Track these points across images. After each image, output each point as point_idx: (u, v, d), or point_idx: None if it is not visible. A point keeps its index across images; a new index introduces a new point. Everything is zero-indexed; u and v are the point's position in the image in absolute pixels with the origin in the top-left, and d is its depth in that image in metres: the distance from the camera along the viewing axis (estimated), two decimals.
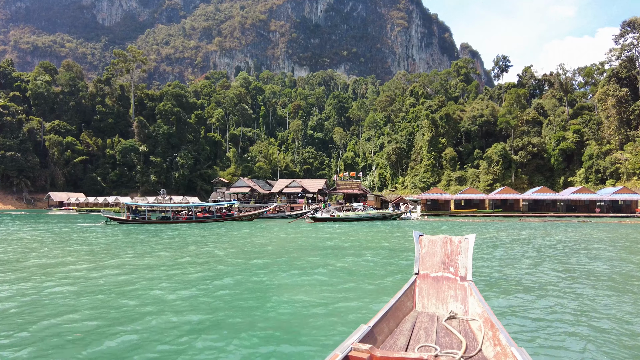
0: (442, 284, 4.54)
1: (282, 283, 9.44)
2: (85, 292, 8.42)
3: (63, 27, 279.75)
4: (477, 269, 10.95)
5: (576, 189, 56.09)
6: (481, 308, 3.77)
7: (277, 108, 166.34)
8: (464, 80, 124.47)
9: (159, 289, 8.63)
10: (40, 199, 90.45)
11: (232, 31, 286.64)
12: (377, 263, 12.38)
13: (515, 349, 2.62)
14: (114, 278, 9.90)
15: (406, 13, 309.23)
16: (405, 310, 4.19)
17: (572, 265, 12.23)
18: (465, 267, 4.55)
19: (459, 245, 4.67)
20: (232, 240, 20.42)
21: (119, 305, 7.40)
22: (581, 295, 8.26)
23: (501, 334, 2.98)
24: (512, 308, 7.23)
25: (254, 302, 7.63)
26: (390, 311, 3.72)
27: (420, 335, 3.47)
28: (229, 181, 76.47)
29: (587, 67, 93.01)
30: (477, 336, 3.39)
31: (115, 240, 20.53)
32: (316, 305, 7.34)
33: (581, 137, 77.43)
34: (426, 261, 4.77)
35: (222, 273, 10.68)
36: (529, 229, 28.48)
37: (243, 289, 8.75)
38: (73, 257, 13.70)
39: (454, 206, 61.18)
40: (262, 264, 12.26)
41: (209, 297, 8.04)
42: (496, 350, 2.90)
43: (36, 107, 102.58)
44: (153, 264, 12.18)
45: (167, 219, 37.09)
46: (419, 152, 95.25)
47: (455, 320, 3.93)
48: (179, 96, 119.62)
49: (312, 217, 37.60)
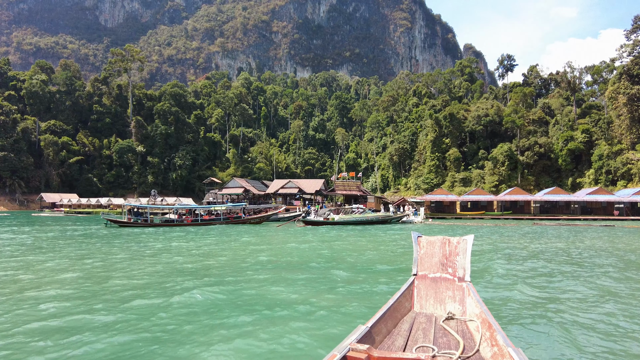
0: (441, 284, 4.48)
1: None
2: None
3: (65, 28, 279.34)
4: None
5: (592, 189, 53.05)
6: (479, 309, 3.71)
7: (278, 109, 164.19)
8: (468, 80, 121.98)
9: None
10: (34, 200, 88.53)
11: (234, 32, 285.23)
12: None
13: (512, 350, 2.57)
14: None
15: (409, 14, 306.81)
16: (404, 311, 4.16)
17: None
18: (464, 268, 4.44)
19: (457, 246, 4.56)
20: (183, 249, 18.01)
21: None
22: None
23: (498, 334, 2.94)
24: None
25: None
26: (389, 312, 3.68)
27: (418, 336, 3.46)
28: (222, 181, 74.14)
29: (595, 66, 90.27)
30: (475, 337, 3.35)
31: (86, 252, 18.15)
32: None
33: (590, 137, 74.81)
34: (424, 262, 4.70)
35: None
36: (550, 236, 25.30)
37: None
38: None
39: (460, 208, 58.40)
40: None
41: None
42: (493, 351, 2.88)
43: (31, 107, 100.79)
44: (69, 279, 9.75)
45: (171, 221, 35.34)
46: (422, 152, 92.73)
47: (453, 321, 3.89)
48: (178, 96, 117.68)
49: (304, 220, 34.75)
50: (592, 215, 49.79)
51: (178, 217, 36.73)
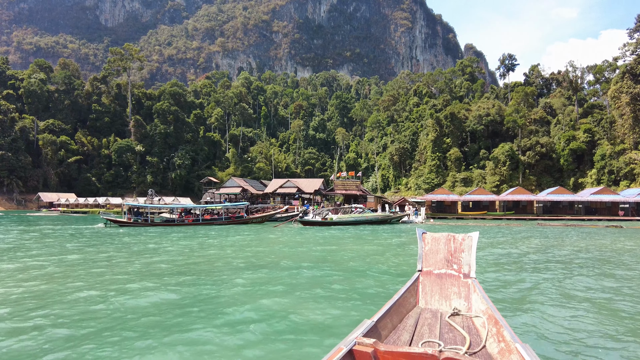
0: (446, 280, 4.43)
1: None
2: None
3: (66, 28, 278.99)
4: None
5: (596, 189, 52.18)
6: (485, 305, 3.69)
7: (278, 108, 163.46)
8: (469, 80, 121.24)
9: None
10: (32, 199, 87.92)
11: (234, 32, 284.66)
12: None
13: (520, 345, 2.54)
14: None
15: (410, 13, 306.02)
16: (409, 307, 4.14)
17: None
18: (469, 265, 4.37)
19: (462, 243, 4.49)
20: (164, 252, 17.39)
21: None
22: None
23: (505, 330, 2.90)
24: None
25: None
26: (394, 307, 3.65)
27: (423, 331, 3.43)
28: (220, 180, 73.32)
29: (598, 65, 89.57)
30: (481, 332, 3.32)
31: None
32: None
33: (592, 136, 74.18)
34: (429, 258, 4.64)
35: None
36: (558, 237, 24.51)
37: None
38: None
39: (462, 208, 57.63)
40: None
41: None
42: (500, 347, 2.84)
43: (29, 106, 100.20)
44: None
45: (172, 221, 34.92)
46: (422, 152, 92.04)
47: (458, 316, 3.87)
48: (177, 95, 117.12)
49: (301, 221, 33.97)
50: (597, 215, 48.95)
51: (179, 216, 36.45)
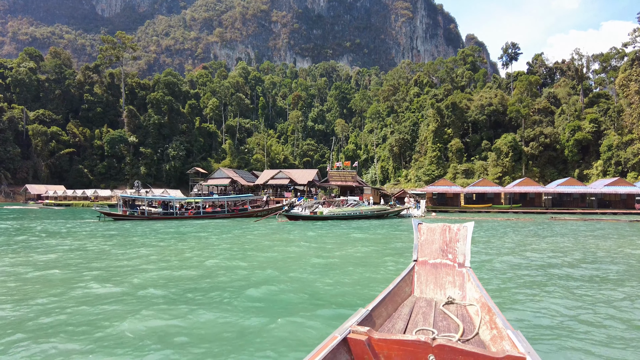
0: (441, 270, 4.46)
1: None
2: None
3: (62, 18, 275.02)
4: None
5: (610, 180, 49.16)
6: (478, 293, 3.73)
7: (277, 99, 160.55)
8: (470, 69, 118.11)
9: None
10: (20, 191, 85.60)
11: (233, 22, 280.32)
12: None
13: (511, 332, 2.60)
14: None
15: (411, 3, 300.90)
16: (404, 296, 4.15)
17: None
18: (464, 254, 4.43)
19: (457, 233, 4.53)
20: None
21: None
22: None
23: (498, 317, 2.96)
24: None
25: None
26: (389, 296, 3.67)
27: (418, 320, 3.47)
28: (207, 171, 70.52)
29: (605, 53, 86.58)
30: (474, 320, 3.36)
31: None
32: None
33: (598, 126, 71.54)
34: (425, 248, 4.64)
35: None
36: (601, 237, 19.46)
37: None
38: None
39: (465, 201, 54.90)
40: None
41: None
42: (492, 334, 2.91)
43: (17, 95, 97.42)
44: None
45: (171, 214, 33.10)
46: (423, 143, 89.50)
47: (453, 305, 3.90)
48: (172, 84, 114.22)
49: (287, 215, 30.87)
50: (611, 208, 46.19)
51: (180, 208, 34.83)
